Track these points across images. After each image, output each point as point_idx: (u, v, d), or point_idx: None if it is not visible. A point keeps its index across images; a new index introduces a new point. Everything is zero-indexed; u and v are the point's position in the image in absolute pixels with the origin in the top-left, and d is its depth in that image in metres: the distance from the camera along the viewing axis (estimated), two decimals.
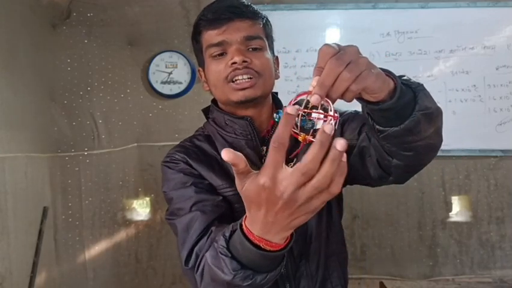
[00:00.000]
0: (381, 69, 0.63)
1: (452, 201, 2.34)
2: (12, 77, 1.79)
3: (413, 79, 0.70)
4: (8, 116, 1.73)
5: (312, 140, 0.57)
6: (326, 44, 0.58)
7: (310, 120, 0.58)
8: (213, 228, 0.78)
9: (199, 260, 0.75)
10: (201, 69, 0.96)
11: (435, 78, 2.26)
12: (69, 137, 2.21)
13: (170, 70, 2.24)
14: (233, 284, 0.63)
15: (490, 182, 2.33)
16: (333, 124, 0.56)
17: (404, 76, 0.69)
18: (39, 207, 1.98)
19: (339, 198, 0.98)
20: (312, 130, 0.58)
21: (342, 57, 0.56)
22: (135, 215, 2.28)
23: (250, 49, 0.87)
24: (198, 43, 0.92)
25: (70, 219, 2.20)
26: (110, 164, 2.24)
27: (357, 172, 0.88)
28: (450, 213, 2.34)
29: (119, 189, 2.26)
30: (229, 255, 0.63)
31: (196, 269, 0.75)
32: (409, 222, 2.33)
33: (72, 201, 2.20)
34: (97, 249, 2.23)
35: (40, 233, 1.93)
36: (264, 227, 0.55)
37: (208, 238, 0.77)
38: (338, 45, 0.58)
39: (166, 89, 2.24)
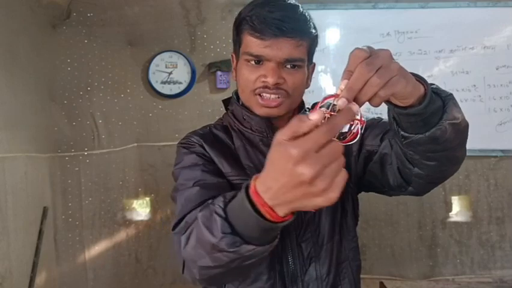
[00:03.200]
0: (412, 73, 0.62)
1: (452, 201, 2.34)
2: (12, 77, 1.79)
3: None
4: (8, 116, 1.73)
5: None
6: (358, 48, 0.57)
7: None
8: (209, 201, 0.75)
9: (188, 225, 0.73)
10: (234, 55, 0.94)
11: (435, 78, 2.26)
12: (69, 137, 2.21)
13: (170, 70, 2.24)
14: (218, 247, 0.62)
15: (490, 182, 2.33)
16: (360, 129, 0.57)
17: (433, 85, 0.68)
18: (39, 207, 1.98)
19: (354, 205, 0.96)
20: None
21: (373, 61, 0.55)
22: (135, 215, 2.27)
23: (289, 66, 0.84)
24: (237, 36, 0.90)
25: (70, 219, 2.20)
26: (110, 164, 2.24)
27: (375, 179, 0.88)
28: (450, 213, 2.34)
29: (119, 189, 2.26)
30: (224, 216, 0.62)
31: (184, 231, 0.73)
32: (409, 222, 2.33)
33: (72, 201, 2.20)
34: (97, 249, 2.23)
35: (40, 233, 1.93)
36: (277, 192, 0.51)
37: (201, 208, 0.74)
38: (370, 48, 0.58)
39: (166, 89, 2.24)
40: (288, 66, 0.84)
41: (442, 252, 2.33)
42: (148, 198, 2.28)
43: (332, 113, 0.57)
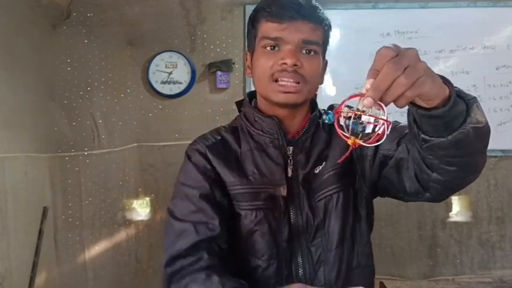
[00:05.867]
0: (437, 75, 0.61)
1: (452, 201, 2.34)
2: (12, 77, 1.79)
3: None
4: (8, 116, 1.73)
5: (362, 144, 0.57)
6: (385, 46, 0.56)
7: (361, 123, 0.57)
8: (204, 255, 0.79)
9: (181, 275, 0.78)
10: (248, 53, 0.94)
11: None
12: (69, 137, 2.21)
13: (170, 70, 2.24)
14: None
15: (490, 182, 2.33)
16: (386, 129, 0.56)
17: (456, 88, 0.66)
18: (39, 207, 1.98)
19: (368, 210, 0.95)
20: (361, 134, 0.57)
21: (400, 61, 0.54)
22: (135, 215, 2.27)
23: (305, 51, 0.85)
24: (253, 28, 0.90)
25: (70, 219, 2.20)
26: (110, 164, 2.24)
27: (391, 184, 0.86)
28: (450, 213, 2.34)
29: (119, 189, 2.26)
30: None
31: (178, 281, 0.77)
32: (409, 222, 2.33)
33: (72, 201, 2.20)
34: (97, 249, 2.23)
35: (40, 233, 1.92)
36: None
37: (195, 260, 0.79)
38: (396, 46, 0.57)
39: (166, 89, 2.24)
40: (304, 51, 0.85)
41: (442, 252, 2.33)
42: (148, 198, 2.28)
43: (357, 112, 0.56)
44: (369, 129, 0.56)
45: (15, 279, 1.68)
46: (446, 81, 0.63)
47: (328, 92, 2.25)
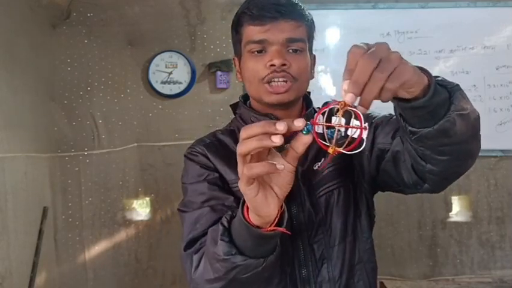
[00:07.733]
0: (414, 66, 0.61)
1: (452, 201, 2.34)
2: (12, 77, 1.79)
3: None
4: (8, 116, 1.73)
5: (341, 151, 0.56)
6: (355, 45, 0.56)
7: (339, 130, 0.56)
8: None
9: (202, 246, 0.77)
10: (236, 58, 0.95)
11: None
12: (69, 137, 2.21)
13: (170, 70, 2.24)
14: (216, 254, 0.68)
15: (490, 182, 2.33)
16: (363, 135, 0.54)
17: (438, 77, 0.65)
18: (39, 207, 1.98)
19: (368, 205, 0.95)
20: (340, 140, 0.56)
21: (373, 54, 0.54)
22: (135, 215, 2.28)
23: (291, 50, 0.86)
24: (237, 34, 0.91)
25: (70, 219, 2.20)
26: (110, 164, 2.24)
27: (390, 178, 0.86)
28: (450, 213, 2.34)
29: (119, 189, 2.26)
30: (227, 226, 0.68)
31: (197, 251, 0.77)
32: (409, 222, 2.33)
33: (72, 201, 2.20)
34: (97, 249, 2.23)
35: (40, 233, 1.93)
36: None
37: None
38: (366, 44, 0.56)
39: (166, 89, 2.24)
40: (290, 50, 0.86)
41: (442, 252, 2.33)
42: (148, 198, 2.28)
43: (342, 125, 0.55)
44: (348, 133, 0.56)
45: (15, 279, 1.68)
46: (423, 70, 0.63)
47: (328, 92, 2.26)
